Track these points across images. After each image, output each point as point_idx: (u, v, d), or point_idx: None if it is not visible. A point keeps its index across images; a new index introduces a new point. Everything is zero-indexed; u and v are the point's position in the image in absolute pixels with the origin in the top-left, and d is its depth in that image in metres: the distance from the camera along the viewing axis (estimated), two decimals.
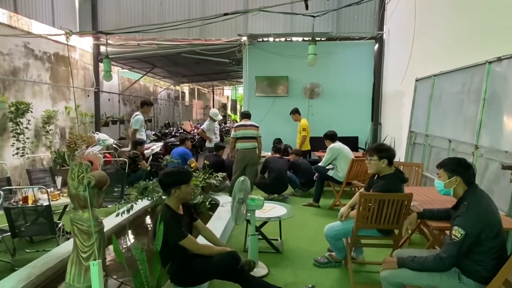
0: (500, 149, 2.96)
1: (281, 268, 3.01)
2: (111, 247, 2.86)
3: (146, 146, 6.84)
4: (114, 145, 7.35)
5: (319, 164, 5.01)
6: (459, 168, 2.06)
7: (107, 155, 6.79)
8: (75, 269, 2.17)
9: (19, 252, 3.23)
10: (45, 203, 3.13)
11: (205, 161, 5.39)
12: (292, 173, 5.69)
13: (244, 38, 7.47)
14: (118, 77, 10.11)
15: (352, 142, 6.98)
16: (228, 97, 28.44)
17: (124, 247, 3.38)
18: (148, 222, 4.13)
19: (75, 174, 2.22)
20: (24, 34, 6.16)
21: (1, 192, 3.14)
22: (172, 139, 9.44)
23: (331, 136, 4.99)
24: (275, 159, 5.44)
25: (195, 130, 11.55)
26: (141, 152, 5.88)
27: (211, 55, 7.84)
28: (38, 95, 6.56)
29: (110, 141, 6.86)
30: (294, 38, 7.62)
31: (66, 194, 3.50)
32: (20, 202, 3.25)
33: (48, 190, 3.47)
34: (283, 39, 7.64)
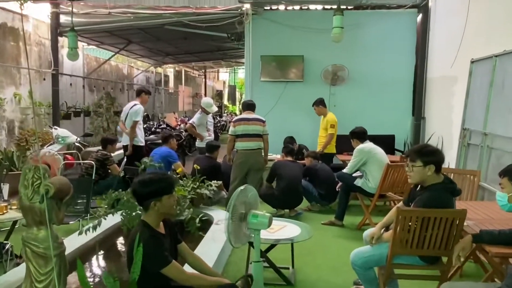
0: None
1: None
2: (75, 274, 2.88)
3: (119, 145, 6.88)
4: (77, 144, 7.40)
5: (344, 170, 5.02)
6: None
7: (68, 156, 6.85)
8: None
9: None
10: None
11: (195, 165, 5.41)
12: (308, 182, 5.69)
13: (246, 6, 7.48)
14: (83, 56, 10.18)
15: (387, 143, 6.96)
16: (224, 83, 28.51)
17: (92, 275, 3.40)
18: (123, 243, 4.16)
19: (28, 181, 2.24)
20: None
21: None
22: (152, 136, 9.49)
23: (360, 135, 4.98)
24: (286, 164, 5.45)
25: (181, 125, 11.59)
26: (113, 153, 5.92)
27: (203, 28, 7.86)
28: None
29: (72, 138, 6.91)
30: (312, 6, 7.63)
31: (16, 207, 3.53)
32: None
33: None
34: (297, 7, 7.64)
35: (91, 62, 10.99)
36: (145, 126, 11.05)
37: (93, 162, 5.29)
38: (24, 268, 2.30)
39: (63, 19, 7.97)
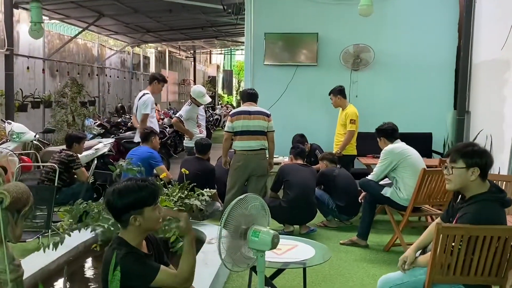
0: None
1: None
2: None
3: (88, 144, 6.88)
4: (35, 142, 7.41)
5: (369, 177, 5.01)
6: None
7: (25, 157, 6.84)
8: None
9: None
10: None
11: (182, 170, 5.41)
12: (323, 191, 5.68)
13: None
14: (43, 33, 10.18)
15: (422, 143, 6.95)
16: (218, 67, 28.52)
17: None
18: (95, 266, 4.17)
19: None
20: None
21: None
22: (129, 133, 9.48)
23: (389, 132, 4.97)
24: (296, 168, 5.44)
25: (165, 120, 11.60)
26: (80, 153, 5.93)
27: None
28: None
29: (30, 135, 6.92)
30: None
31: None
32: None
33: None
34: None
35: (54, 41, 11.00)
36: (119, 120, 11.11)
37: (55, 165, 5.28)
38: None
39: None
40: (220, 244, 2.59)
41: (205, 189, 4.77)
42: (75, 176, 5.67)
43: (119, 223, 2.29)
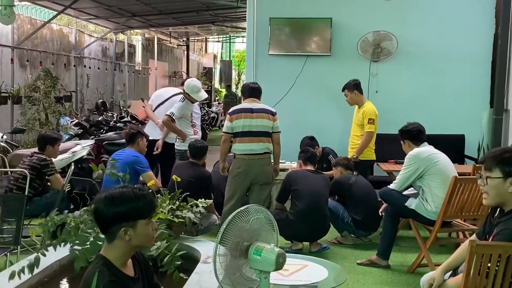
0: None
1: None
2: None
3: (63, 146, 6.89)
4: (3, 144, 7.42)
5: (390, 186, 5.02)
6: None
7: None
8: None
9: None
10: None
11: (174, 176, 5.42)
12: (337, 202, 5.70)
13: None
14: None
15: (453, 146, 6.98)
16: (215, 57, 28.61)
17: None
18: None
19: None
20: None
21: None
22: (111, 133, 9.51)
23: (414, 134, 4.99)
24: (306, 175, 5.47)
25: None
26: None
27: None
28: None
29: None
30: None
31: None
32: None
33: None
34: None
35: (24, 26, 11.03)
36: (100, 118, 11.14)
37: (25, 171, 5.30)
38: None
39: None
40: (217, 263, 2.58)
41: (199, 200, 4.77)
42: (49, 183, 5.67)
43: (105, 235, 2.28)
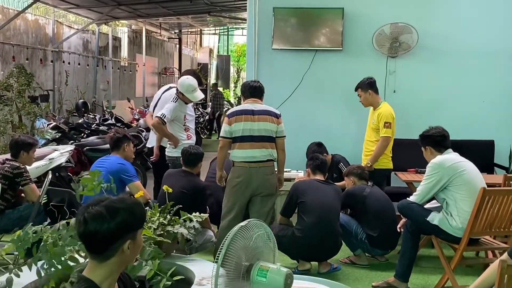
0: None
1: None
2: None
3: (39, 152, 6.96)
4: None
5: (410, 198, 5.03)
6: None
7: None
8: None
9: None
10: None
11: (164, 187, 5.49)
12: (350, 217, 5.75)
13: None
14: None
15: (481, 153, 6.97)
16: (211, 51, 28.58)
17: None
18: None
19: None
20: None
21: None
22: (93, 138, 9.57)
23: (437, 140, 5.01)
24: (315, 186, 5.50)
25: (141, 121, 11.68)
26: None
27: None
28: None
29: None
30: None
31: None
32: None
33: None
34: None
35: None
36: (81, 121, 11.19)
37: None
38: None
39: None
40: (215, 286, 2.61)
41: (194, 213, 4.83)
42: (23, 194, 5.71)
43: (100, 255, 2.22)
